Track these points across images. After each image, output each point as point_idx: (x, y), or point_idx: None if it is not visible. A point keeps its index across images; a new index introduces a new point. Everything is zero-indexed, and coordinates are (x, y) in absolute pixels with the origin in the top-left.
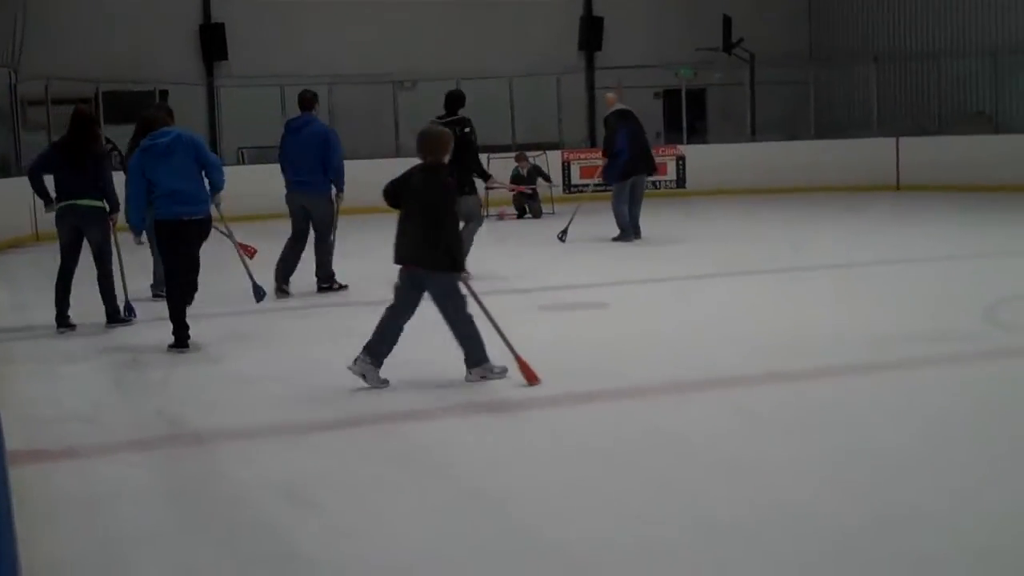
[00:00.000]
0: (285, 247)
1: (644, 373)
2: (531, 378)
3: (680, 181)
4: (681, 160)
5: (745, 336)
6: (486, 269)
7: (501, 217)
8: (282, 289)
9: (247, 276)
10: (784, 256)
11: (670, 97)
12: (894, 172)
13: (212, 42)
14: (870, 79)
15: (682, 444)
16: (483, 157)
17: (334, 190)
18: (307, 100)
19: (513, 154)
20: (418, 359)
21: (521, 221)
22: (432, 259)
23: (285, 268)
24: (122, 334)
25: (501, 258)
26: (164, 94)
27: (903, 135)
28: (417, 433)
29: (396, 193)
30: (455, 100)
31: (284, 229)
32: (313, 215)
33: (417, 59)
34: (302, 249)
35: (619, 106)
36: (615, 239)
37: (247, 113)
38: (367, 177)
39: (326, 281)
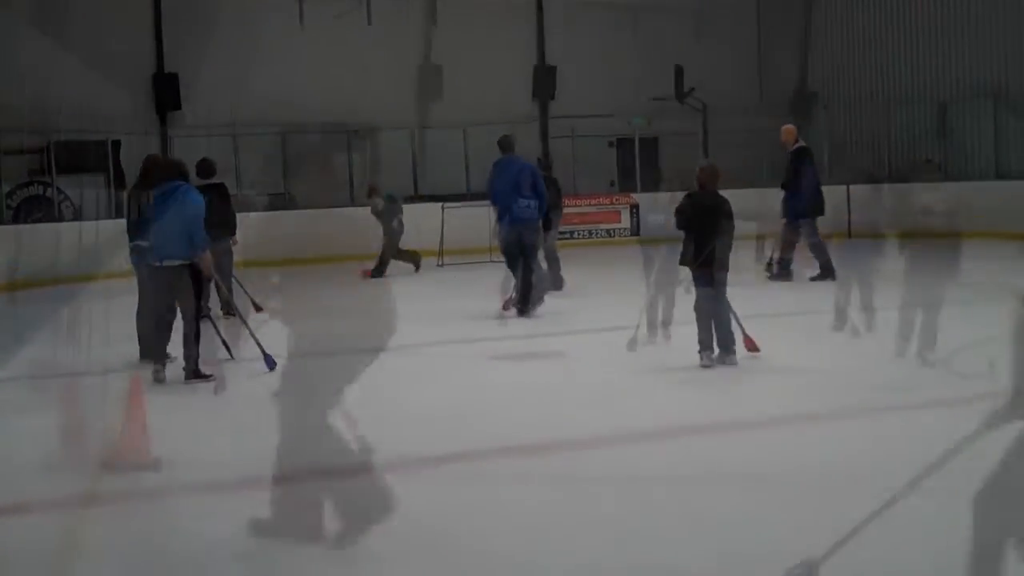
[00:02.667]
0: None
1: (594, 422)
2: (753, 348)
3: (634, 229)
4: (635, 208)
5: (688, 385)
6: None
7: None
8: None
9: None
10: (736, 304)
11: (624, 146)
12: (845, 219)
13: (165, 92)
14: (821, 126)
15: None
16: (437, 205)
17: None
18: (510, 143)
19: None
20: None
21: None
22: (723, 262)
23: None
24: (81, 383)
25: (453, 307)
26: (117, 144)
27: (854, 183)
28: (370, 488)
29: (689, 218)
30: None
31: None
32: (524, 242)
33: (372, 109)
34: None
35: (802, 143)
36: (814, 278)
37: None
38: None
39: (525, 304)
